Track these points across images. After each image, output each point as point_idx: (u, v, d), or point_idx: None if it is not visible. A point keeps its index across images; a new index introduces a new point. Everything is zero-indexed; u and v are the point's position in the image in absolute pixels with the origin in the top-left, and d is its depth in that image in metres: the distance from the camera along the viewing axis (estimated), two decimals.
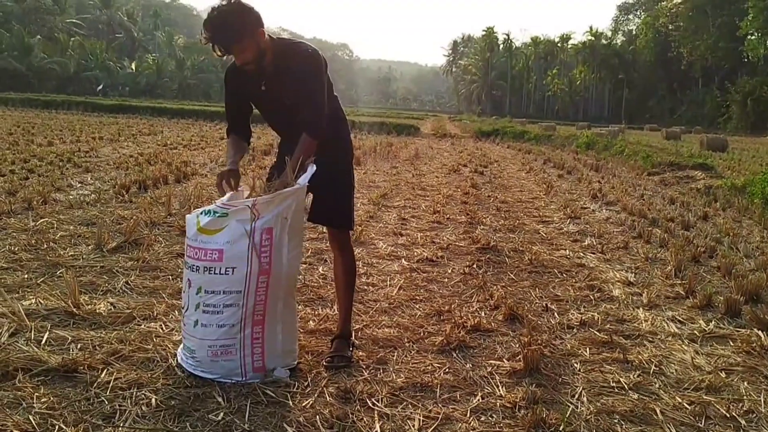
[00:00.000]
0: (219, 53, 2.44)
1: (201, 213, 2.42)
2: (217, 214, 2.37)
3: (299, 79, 2.54)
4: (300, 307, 3.35)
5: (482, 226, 5.89)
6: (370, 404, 2.34)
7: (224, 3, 2.41)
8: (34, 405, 2.17)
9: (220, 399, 2.30)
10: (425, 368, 2.69)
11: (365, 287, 3.84)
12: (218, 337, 2.39)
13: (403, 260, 4.53)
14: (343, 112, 2.85)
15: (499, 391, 2.50)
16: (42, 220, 4.99)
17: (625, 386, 2.60)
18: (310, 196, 2.69)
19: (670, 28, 69.98)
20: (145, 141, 13.78)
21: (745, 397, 2.54)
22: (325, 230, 5.25)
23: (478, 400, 2.42)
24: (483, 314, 3.41)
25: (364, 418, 2.24)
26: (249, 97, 2.74)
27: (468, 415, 2.31)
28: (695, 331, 3.29)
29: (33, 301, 3.16)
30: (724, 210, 7.62)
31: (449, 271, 4.30)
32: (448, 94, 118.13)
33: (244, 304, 2.39)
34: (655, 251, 5.13)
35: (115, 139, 13.65)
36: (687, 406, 2.45)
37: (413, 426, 2.20)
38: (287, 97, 2.60)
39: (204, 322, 2.39)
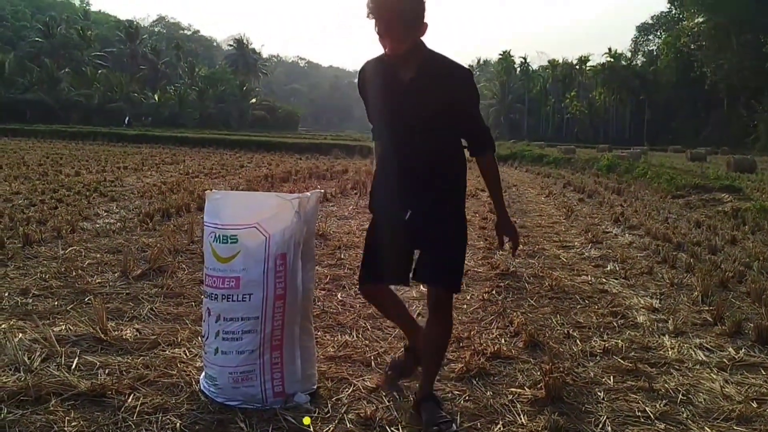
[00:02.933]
0: (378, 31, 2.17)
1: (213, 240, 2.46)
2: (229, 240, 2.41)
3: (451, 95, 2.29)
4: (319, 333, 3.37)
5: (501, 252, 5.87)
6: (390, 431, 2.34)
7: None
8: (65, 429, 2.23)
9: (242, 424, 2.32)
10: (445, 396, 2.68)
11: None
12: (238, 364, 2.43)
13: (421, 286, 4.52)
14: (463, 150, 2.52)
15: (521, 419, 2.48)
16: (71, 248, 5.12)
17: (651, 416, 2.55)
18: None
19: (693, 47, 69.08)
20: (167, 170, 14.06)
21: None
22: (343, 256, 5.33)
23: (500, 428, 2.41)
24: (503, 341, 3.39)
25: None
26: (380, 96, 2.38)
27: None
28: (724, 359, 3.22)
29: (63, 327, 3.25)
30: (753, 233, 7.45)
31: (468, 298, 4.29)
32: None
33: (262, 329, 2.42)
34: (681, 276, 5.04)
35: (139, 168, 13.96)
36: None
37: None
38: (424, 107, 2.29)
39: (224, 350, 2.44)
